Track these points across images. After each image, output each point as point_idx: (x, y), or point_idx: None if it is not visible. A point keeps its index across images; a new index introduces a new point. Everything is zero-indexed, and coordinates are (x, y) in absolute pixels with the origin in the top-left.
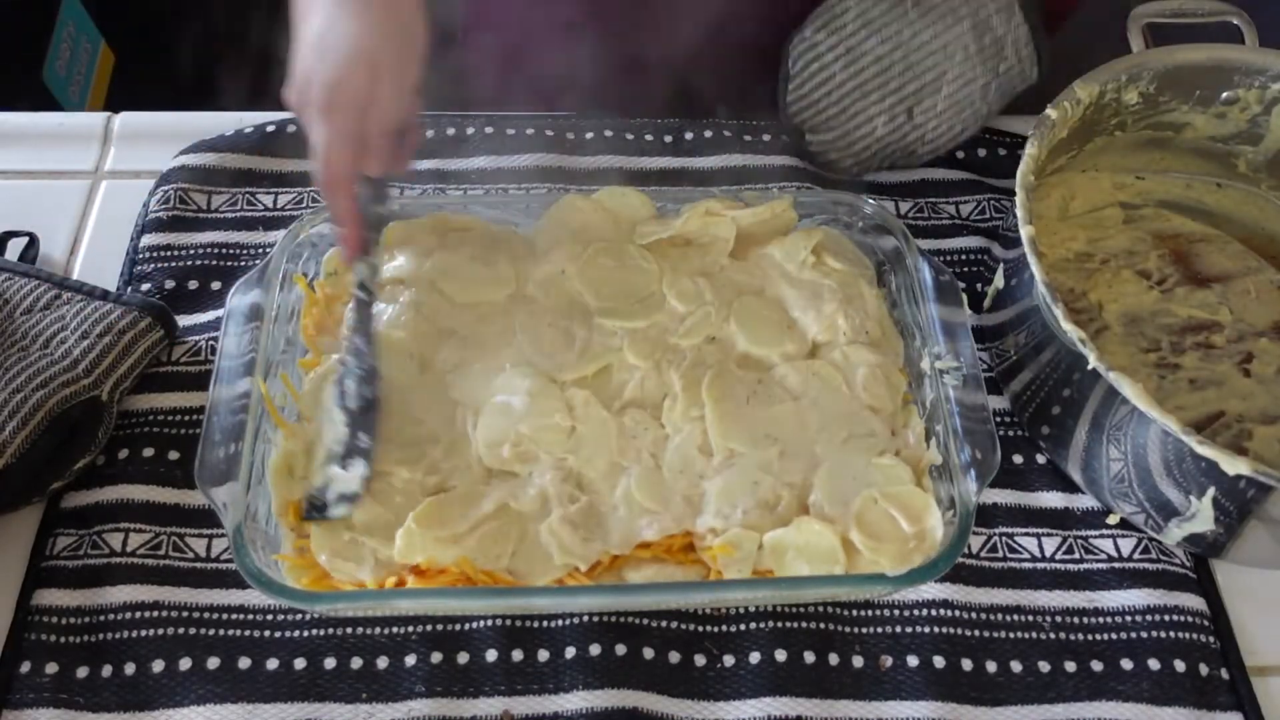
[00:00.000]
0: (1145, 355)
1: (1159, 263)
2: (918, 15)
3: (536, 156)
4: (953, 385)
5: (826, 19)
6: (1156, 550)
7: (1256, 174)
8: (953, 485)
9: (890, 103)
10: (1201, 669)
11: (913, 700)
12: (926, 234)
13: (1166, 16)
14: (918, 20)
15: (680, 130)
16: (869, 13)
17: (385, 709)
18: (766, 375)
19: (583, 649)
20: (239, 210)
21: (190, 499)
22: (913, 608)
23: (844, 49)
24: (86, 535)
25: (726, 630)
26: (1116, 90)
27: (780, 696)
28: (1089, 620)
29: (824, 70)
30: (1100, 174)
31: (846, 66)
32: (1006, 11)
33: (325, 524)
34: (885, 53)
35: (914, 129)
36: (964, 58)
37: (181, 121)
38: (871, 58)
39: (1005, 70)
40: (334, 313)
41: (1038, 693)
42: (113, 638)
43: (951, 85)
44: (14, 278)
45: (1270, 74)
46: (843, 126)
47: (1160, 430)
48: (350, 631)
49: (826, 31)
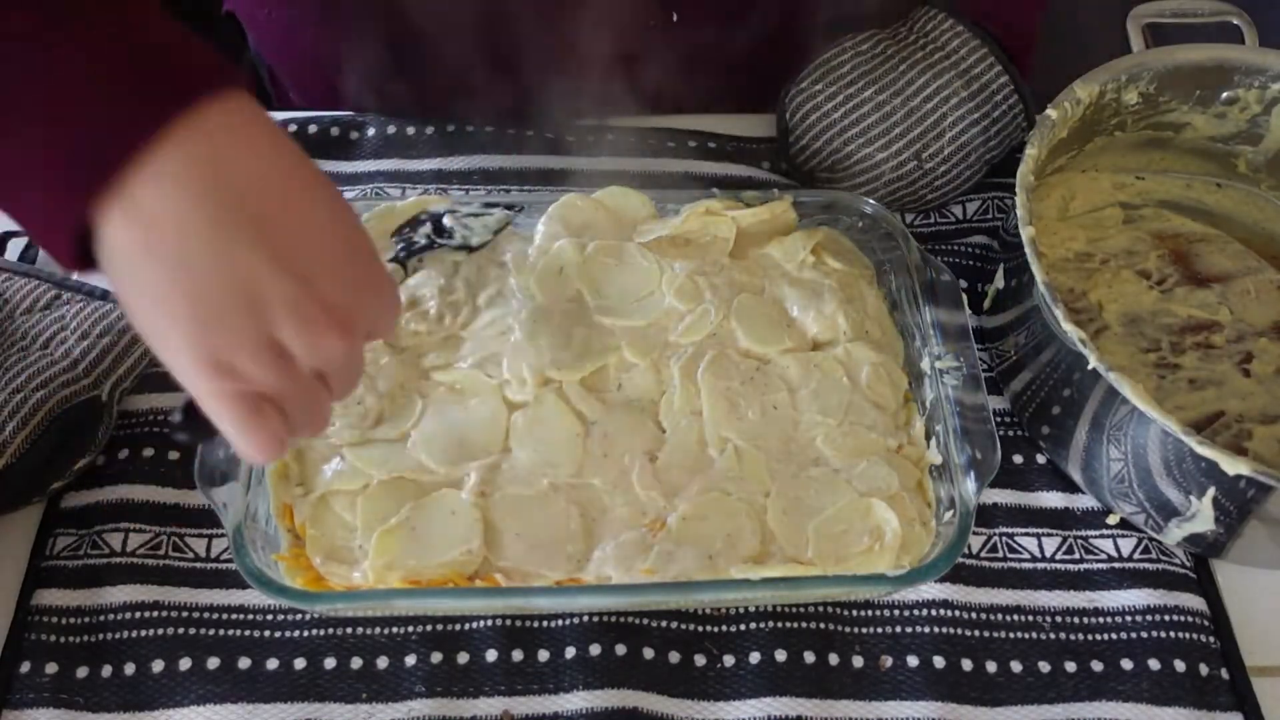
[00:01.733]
0: (1145, 355)
1: (1159, 263)
2: (907, 68)
3: (539, 158)
4: (953, 385)
5: (823, 70)
6: (1156, 550)
7: (1256, 174)
8: (953, 485)
9: (897, 148)
10: (1201, 669)
11: (913, 700)
12: (929, 234)
13: (1166, 16)
14: (910, 71)
15: (684, 138)
16: (864, 65)
17: (385, 709)
18: (766, 365)
19: (583, 649)
20: None
21: (190, 499)
22: (913, 608)
23: (843, 97)
24: (86, 535)
25: (726, 630)
26: (1116, 90)
27: (780, 696)
28: (1089, 620)
29: (825, 119)
30: (1100, 174)
31: (848, 115)
32: (985, 62)
33: (321, 525)
34: (885, 99)
35: (923, 175)
36: (959, 103)
37: None
38: (873, 104)
39: (999, 116)
40: None
41: (1038, 693)
42: (112, 638)
43: (953, 130)
44: (14, 278)
45: (1270, 74)
46: (848, 171)
47: (1160, 430)
48: (350, 631)
49: (825, 83)
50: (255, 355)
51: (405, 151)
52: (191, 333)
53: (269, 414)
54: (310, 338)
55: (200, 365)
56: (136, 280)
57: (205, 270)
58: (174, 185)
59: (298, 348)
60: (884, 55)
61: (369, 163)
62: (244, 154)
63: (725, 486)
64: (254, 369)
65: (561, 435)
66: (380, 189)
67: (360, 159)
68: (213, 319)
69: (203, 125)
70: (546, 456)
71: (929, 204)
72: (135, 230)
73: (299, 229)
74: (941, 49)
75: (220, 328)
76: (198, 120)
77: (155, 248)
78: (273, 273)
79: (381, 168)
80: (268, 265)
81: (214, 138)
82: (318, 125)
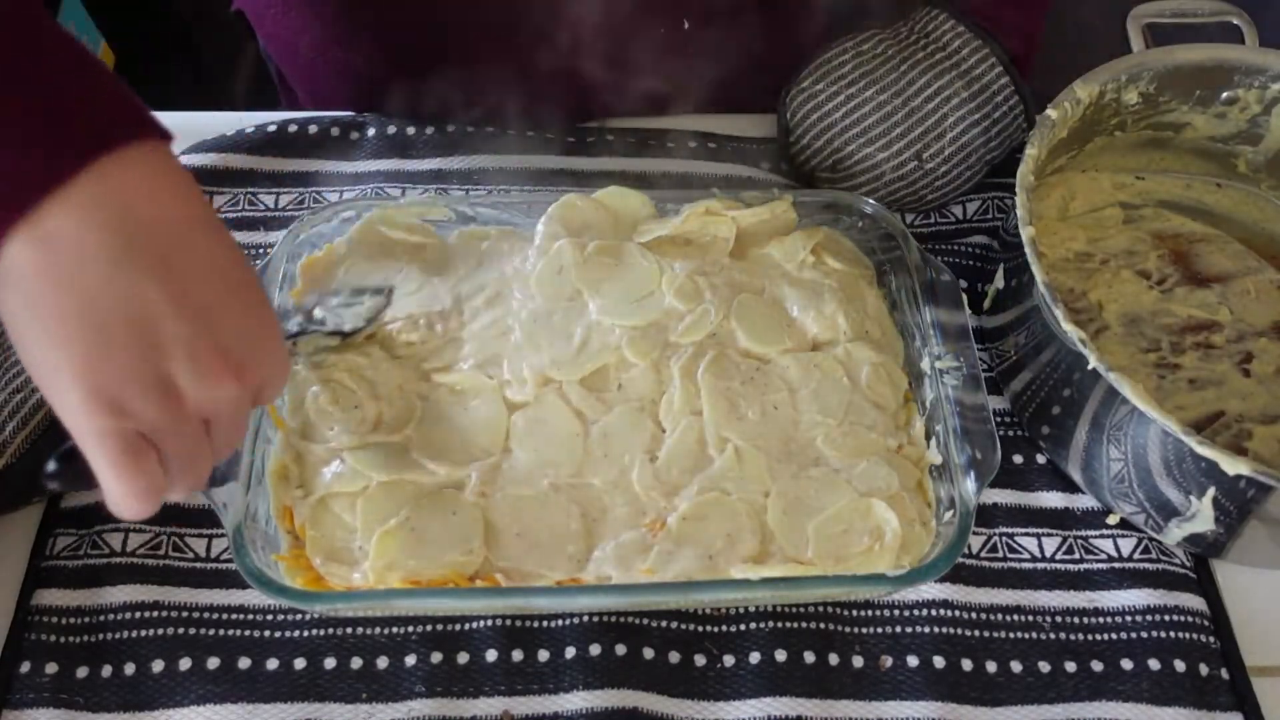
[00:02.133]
0: (1145, 355)
1: (1159, 263)
2: (909, 68)
3: (539, 158)
4: (953, 385)
5: (824, 70)
6: (1156, 550)
7: (1256, 174)
8: (953, 485)
9: (897, 148)
10: (1201, 669)
11: (913, 700)
12: (929, 234)
13: (1166, 16)
14: (911, 71)
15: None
16: (865, 65)
17: (385, 709)
18: (766, 365)
19: (583, 649)
20: (240, 210)
21: (190, 499)
22: (913, 608)
23: (844, 97)
24: (86, 535)
25: (726, 630)
26: (1116, 90)
27: (780, 696)
28: (1089, 620)
29: (825, 119)
30: (1100, 174)
31: (849, 114)
32: (986, 63)
33: (321, 527)
34: (886, 100)
35: (924, 175)
36: (959, 103)
37: (182, 121)
38: (873, 104)
39: (1000, 117)
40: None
41: (1038, 693)
42: (112, 638)
43: (954, 130)
44: None
45: (1270, 74)
46: (848, 171)
47: (1160, 430)
48: (350, 631)
49: (826, 82)
50: (145, 391)
51: (405, 151)
52: (83, 362)
53: (150, 461)
54: (203, 378)
55: (88, 399)
56: (31, 305)
57: (102, 297)
58: (81, 214)
59: (190, 386)
60: (885, 55)
61: (369, 163)
62: (153, 196)
63: (725, 486)
64: (142, 405)
65: (562, 435)
66: (380, 189)
67: (360, 159)
68: (106, 348)
69: (116, 168)
70: (547, 456)
71: (929, 204)
72: (36, 251)
73: (201, 272)
74: (943, 49)
75: (113, 359)
76: (113, 164)
77: (53, 270)
78: (172, 309)
79: (381, 168)
80: (167, 302)
81: (125, 178)
82: (318, 125)
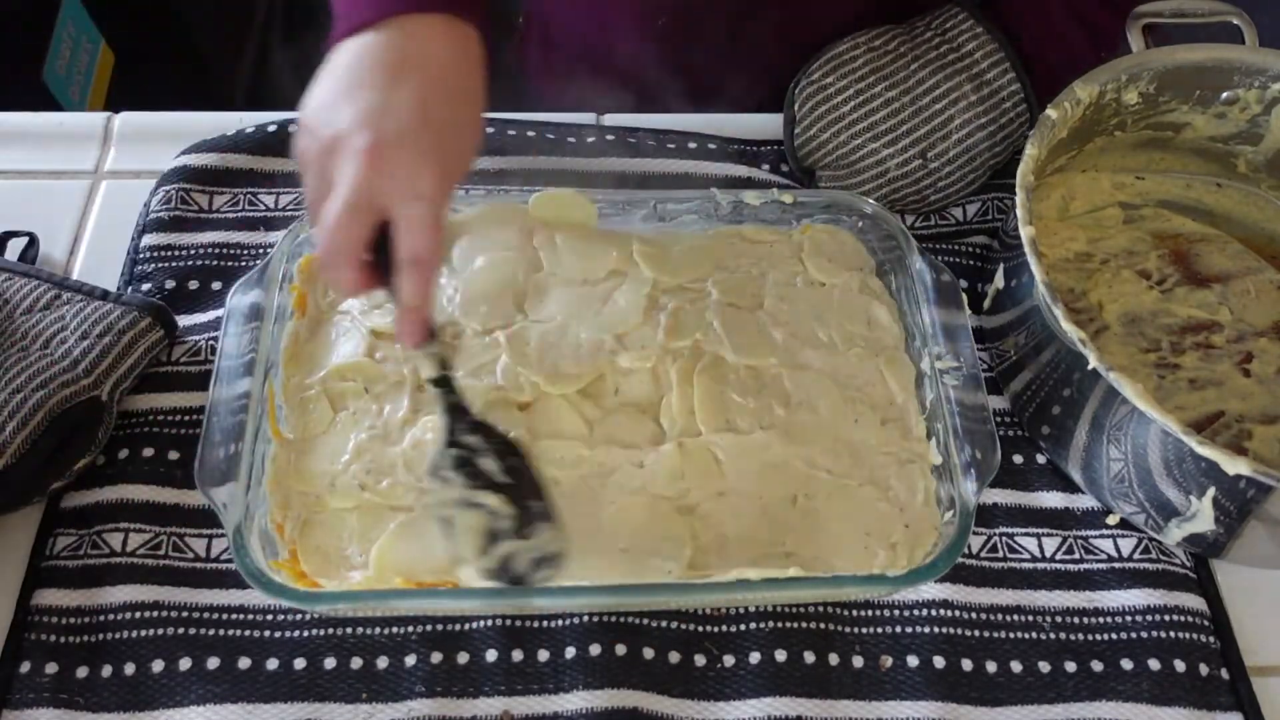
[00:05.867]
0: (1145, 355)
1: (1159, 263)
2: (919, 66)
3: (538, 159)
4: (953, 385)
5: (836, 63)
6: (1156, 550)
7: (1256, 174)
8: (953, 485)
9: (903, 145)
10: (1201, 669)
11: (913, 700)
12: (929, 235)
13: (1166, 16)
14: (921, 70)
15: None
16: (876, 60)
17: (385, 709)
18: (765, 367)
19: (583, 649)
20: (240, 210)
21: (190, 499)
22: (913, 608)
23: (853, 91)
24: (86, 535)
25: (726, 630)
26: (1116, 90)
27: (780, 696)
28: (1089, 620)
29: (833, 111)
30: (1100, 174)
31: (857, 109)
32: (999, 67)
33: (316, 539)
34: (894, 96)
35: (928, 175)
36: (967, 105)
37: (182, 121)
38: (882, 100)
39: (1006, 122)
40: (317, 335)
41: (1038, 693)
42: (113, 638)
43: (960, 131)
44: (14, 278)
45: (1270, 74)
46: (852, 166)
47: (1160, 430)
48: (350, 631)
49: (837, 75)
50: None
51: None
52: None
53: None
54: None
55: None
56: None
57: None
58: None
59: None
60: (897, 51)
61: None
62: (433, 48)
63: (725, 487)
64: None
65: (562, 435)
66: None
67: None
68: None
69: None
70: (547, 456)
71: (933, 205)
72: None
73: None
74: (956, 49)
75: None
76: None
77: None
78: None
79: None
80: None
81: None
82: None
